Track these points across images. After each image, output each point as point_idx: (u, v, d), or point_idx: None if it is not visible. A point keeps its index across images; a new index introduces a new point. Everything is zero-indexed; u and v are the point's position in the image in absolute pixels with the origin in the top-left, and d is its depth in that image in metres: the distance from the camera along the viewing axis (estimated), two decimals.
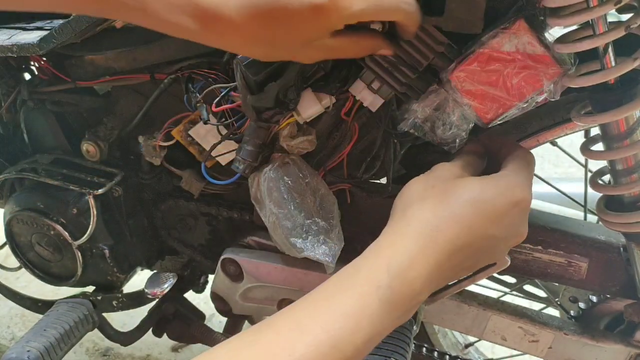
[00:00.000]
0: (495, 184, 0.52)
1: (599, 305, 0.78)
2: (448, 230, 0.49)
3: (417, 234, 0.49)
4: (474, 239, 0.50)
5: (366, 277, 0.47)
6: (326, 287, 0.48)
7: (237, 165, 0.67)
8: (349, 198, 0.72)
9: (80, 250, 0.83)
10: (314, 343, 0.43)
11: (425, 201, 0.51)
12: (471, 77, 0.54)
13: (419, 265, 0.48)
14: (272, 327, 0.45)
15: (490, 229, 0.51)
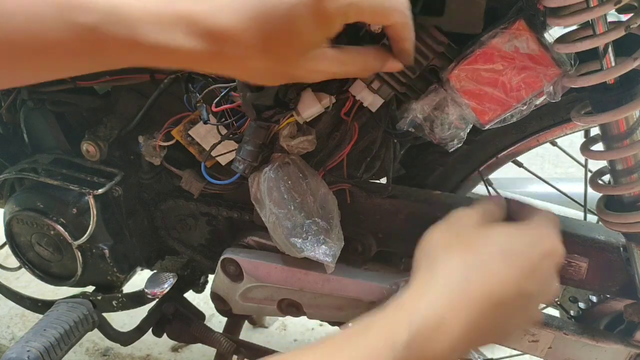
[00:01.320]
0: (524, 232, 0.48)
1: (599, 305, 0.78)
2: (480, 282, 0.43)
3: (446, 286, 0.43)
4: (507, 294, 0.44)
5: (382, 331, 0.41)
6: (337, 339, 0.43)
7: (237, 165, 0.67)
8: (349, 198, 0.72)
9: (80, 250, 0.83)
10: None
11: (451, 250, 0.46)
12: (470, 77, 0.54)
13: (447, 324, 0.41)
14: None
15: (524, 284, 0.45)
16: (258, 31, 0.45)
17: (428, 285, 0.44)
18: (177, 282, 0.85)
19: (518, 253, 0.46)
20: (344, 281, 0.71)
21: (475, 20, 0.52)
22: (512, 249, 0.46)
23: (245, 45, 0.45)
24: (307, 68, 0.48)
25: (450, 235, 0.48)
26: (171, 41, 0.44)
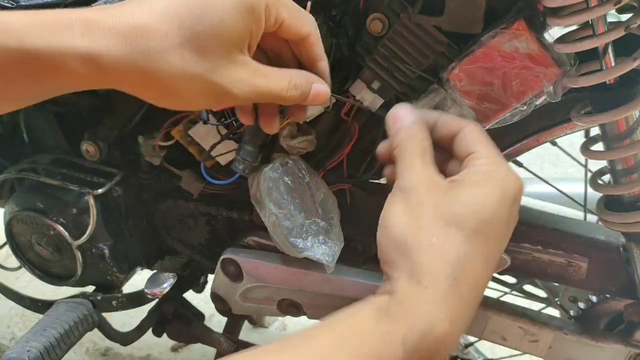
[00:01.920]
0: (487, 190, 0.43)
1: (599, 305, 0.78)
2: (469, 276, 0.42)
3: (436, 293, 0.41)
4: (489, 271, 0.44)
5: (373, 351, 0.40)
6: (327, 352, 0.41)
7: (236, 165, 0.67)
8: (349, 198, 0.72)
9: (80, 250, 0.83)
10: None
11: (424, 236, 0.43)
12: (470, 77, 0.54)
13: (439, 328, 0.41)
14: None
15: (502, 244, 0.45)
16: (173, 22, 0.41)
17: (416, 293, 0.42)
18: (177, 282, 0.85)
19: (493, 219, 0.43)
20: (344, 281, 0.71)
21: (475, 20, 0.52)
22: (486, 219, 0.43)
23: (157, 39, 0.41)
24: (230, 75, 0.44)
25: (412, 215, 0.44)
26: (63, 43, 0.39)
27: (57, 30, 0.39)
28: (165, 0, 0.41)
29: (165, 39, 0.41)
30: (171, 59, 0.41)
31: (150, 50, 0.41)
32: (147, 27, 0.40)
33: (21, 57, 0.39)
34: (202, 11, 0.41)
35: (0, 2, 0.71)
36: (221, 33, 0.42)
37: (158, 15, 0.41)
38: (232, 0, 0.42)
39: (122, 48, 0.40)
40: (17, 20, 0.39)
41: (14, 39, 0.38)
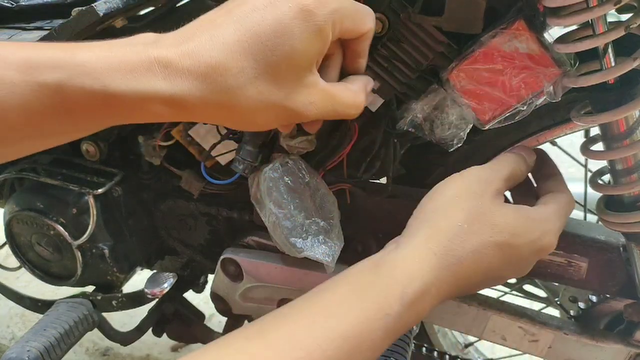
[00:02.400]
0: (531, 225, 0.49)
1: (599, 305, 0.78)
2: (469, 267, 0.47)
3: (439, 265, 0.46)
4: (488, 278, 0.49)
5: (376, 301, 0.44)
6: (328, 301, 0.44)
7: (236, 165, 0.67)
8: (349, 198, 0.72)
9: (80, 250, 0.83)
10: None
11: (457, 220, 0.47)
12: (470, 77, 0.54)
13: (431, 296, 0.46)
14: (263, 338, 0.42)
15: (506, 273, 0.50)
16: (248, 56, 0.41)
17: (423, 259, 0.46)
18: (177, 282, 0.85)
19: (515, 250, 0.49)
20: None
21: (475, 20, 0.52)
22: (511, 244, 0.48)
23: (234, 75, 0.41)
24: (302, 99, 0.45)
25: (462, 200, 0.48)
26: (147, 87, 0.40)
27: (138, 74, 0.40)
28: (237, 33, 0.41)
29: (241, 74, 0.41)
30: (249, 92, 0.42)
31: (229, 87, 0.41)
32: (224, 65, 0.41)
33: (105, 99, 0.40)
34: (274, 41, 0.41)
35: (1, 3, 0.71)
36: (293, 60, 0.43)
37: (232, 52, 0.41)
38: (300, 25, 0.42)
39: (202, 88, 0.41)
40: (97, 62, 0.40)
41: (98, 83, 0.39)
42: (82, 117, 0.42)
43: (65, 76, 0.39)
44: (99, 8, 0.59)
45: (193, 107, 0.42)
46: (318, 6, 0.42)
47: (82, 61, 0.39)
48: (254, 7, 0.42)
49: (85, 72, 0.39)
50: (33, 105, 0.39)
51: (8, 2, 0.74)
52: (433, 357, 0.82)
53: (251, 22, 0.41)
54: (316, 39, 0.43)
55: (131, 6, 0.62)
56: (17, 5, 0.74)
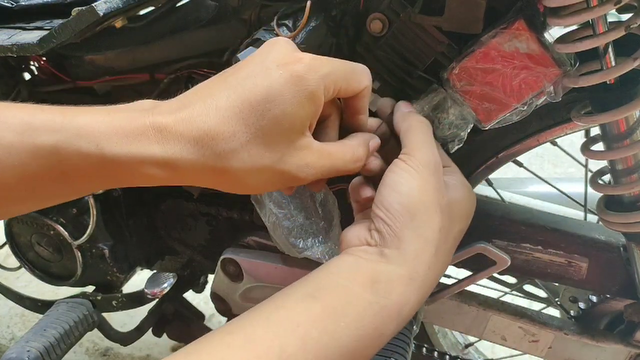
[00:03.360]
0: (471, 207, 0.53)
1: (599, 305, 0.78)
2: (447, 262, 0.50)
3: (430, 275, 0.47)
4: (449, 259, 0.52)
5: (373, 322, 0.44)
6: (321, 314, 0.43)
7: None
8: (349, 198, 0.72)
9: (80, 250, 0.83)
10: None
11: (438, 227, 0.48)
12: (470, 77, 0.54)
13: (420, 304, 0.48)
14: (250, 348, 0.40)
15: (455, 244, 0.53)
16: (239, 121, 0.42)
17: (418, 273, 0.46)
18: (177, 282, 0.85)
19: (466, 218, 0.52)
20: None
21: (475, 20, 0.52)
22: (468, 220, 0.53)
23: (226, 140, 0.42)
24: (296, 162, 0.45)
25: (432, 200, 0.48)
26: (141, 151, 0.41)
27: (133, 138, 0.41)
28: (229, 99, 0.43)
29: (233, 139, 0.42)
30: (240, 156, 0.43)
31: (220, 151, 0.42)
32: (216, 130, 0.42)
33: (100, 162, 0.41)
34: (264, 106, 0.42)
35: (1, 2, 0.71)
36: (284, 123, 0.43)
37: (224, 117, 0.42)
38: (291, 90, 0.43)
39: (195, 152, 0.42)
40: (94, 125, 0.41)
41: (94, 146, 0.40)
42: (77, 180, 0.42)
43: (61, 138, 0.40)
44: (99, 8, 0.59)
45: (186, 170, 0.43)
46: (308, 71, 0.43)
47: (79, 125, 0.41)
48: (247, 74, 0.44)
49: (82, 135, 0.40)
50: (30, 167, 0.40)
51: (8, 2, 0.74)
52: (433, 357, 0.82)
53: (244, 89, 0.43)
54: (308, 103, 0.44)
55: (131, 6, 0.62)
56: (17, 5, 0.74)
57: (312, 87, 0.44)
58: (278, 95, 0.43)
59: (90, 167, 0.41)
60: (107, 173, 0.42)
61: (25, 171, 0.41)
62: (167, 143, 0.42)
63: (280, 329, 0.41)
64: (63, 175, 0.42)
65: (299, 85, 0.43)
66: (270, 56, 0.44)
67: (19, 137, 0.40)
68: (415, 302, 0.47)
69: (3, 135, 0.40)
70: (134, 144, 0.41)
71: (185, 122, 0.42)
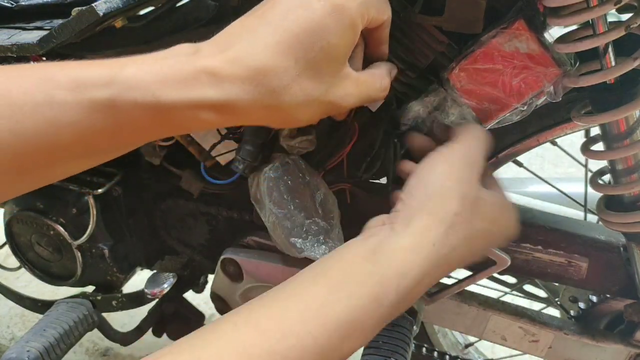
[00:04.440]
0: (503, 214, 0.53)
1: (599, 305, 0.78)
2: (460, 253, 0.49)
3: (436, 255, 0.47)
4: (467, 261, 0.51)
5: (372, 291, 0.45)
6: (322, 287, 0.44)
7: (236, 165, 0.66)
8: (349, 198, 0.72)
9: (80, 250, 0.83)
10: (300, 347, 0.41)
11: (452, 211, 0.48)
12: (470, 76, 0.54)
13: (424, 285, 0.48)
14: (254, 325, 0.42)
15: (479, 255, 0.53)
16: (289, 56, 0.43)
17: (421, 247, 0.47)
18: (177, 282, 0.85)
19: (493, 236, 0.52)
20: None
21: (475, 20, 0.52)
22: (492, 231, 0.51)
23: (278, 75, 0.43)
24: (340, 92, 0.47)
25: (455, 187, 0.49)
26: (197, 96, 0.41)
27: (187, 83, 0.41)
28: (275, 35, 0.43)
29: (285, 74, 0.43)
30: (292, 90, 0.44)
31: (274, 88, 0.43)
32: (267, 66, 0.42)
33: (157, 111, 0.41)
34: (311, 39, 0.43)
35: (1, 2, 0.71)
36: (330, 54, 0.44)
37: (274, 53, 0.43)
38: (334, 20, 0.44)
39: (249, 91, 0.42)
40: (145, 75, 0.41)
41: (149, 95, 0.40)
42: (132, 132, 0.42)
43: (116, 92, 0.40)
44: (99, 8, 0.59)
45: (241, 111, 0.43)
46: (348, 0, 0.44)
47: (130, 76, 0.40)
48: (286, 8, 0.44)
49: (136, 87, 0.40)
50: (85, 123, 0.40)
51: (8, 2, 0.74)
52: (433, 357, 0.82)
53: (287, 23, 0.43)
54: (349, 32, 0.45)
55: (131, 6, 0.62)
56: (17, 5, 0.74)
57: (353, 15, 0.44)
58: (323, 26, 0.43)
59: (147, 117, 0.41)
60: (163, 122, 0.42)
61: (81, 127, 0.40)
62: (221, 86, 0.42)
63: (284, 305, 0.43)
64: (119, 129, 0.41)
65: (340, 15, 0.44)
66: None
67: (72, 94, 0.39)
68: (417, 276, 0.46)
69: (55, 93, 0.39)
70: (189, 89, 0.41)
71: (235, 62, 0.42)
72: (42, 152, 0.40)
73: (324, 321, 0.42)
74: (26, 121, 0.38)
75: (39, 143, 0.39)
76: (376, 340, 0.65)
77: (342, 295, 0.44)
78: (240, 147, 0.66)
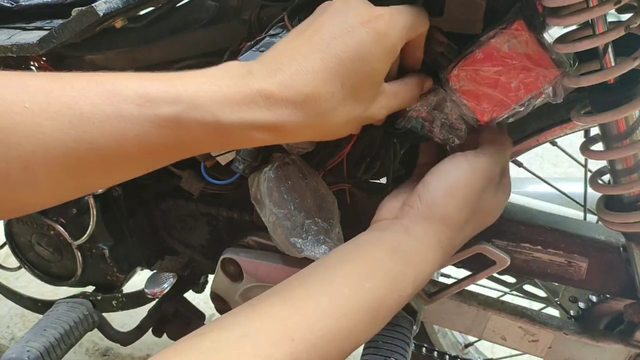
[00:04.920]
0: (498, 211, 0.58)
1: (599, 305, 0.78)
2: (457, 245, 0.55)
3: (443, 254, 0.53)
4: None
5: (394, 284, 0.49)
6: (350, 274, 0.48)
7: (236, 165, 0.66)
8: (349, 198, 0.72)
9: (80, 250, 0.83)
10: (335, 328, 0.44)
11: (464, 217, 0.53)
12: (469, 77, 0.54)
13: (430, 277, 0.53)
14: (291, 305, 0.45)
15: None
16: (336, 82, 0.46)
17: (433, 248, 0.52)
18: (177, 282, 0.85)
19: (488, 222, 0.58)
20: None
21: (475, 21, 0.52)
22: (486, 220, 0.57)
23: (327, 100, 0.46)
24: (376, 107, 0.50)
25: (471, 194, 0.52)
26: (253, 117, 0.44)
27: (244, 105, 0.44)
28: (324, 61, 0.46)
29: (332, 99, 0.46)
30: (338, 112, 0.48)
31: (322, 111, 0.47)
32: (317, 92, 0.46)
33: (216, 130, 0.44)
34: (357, 65, 0.46)
35: (1, 2, 0.71)
36: (373, 77, 0.48)
37: (323, 79, 0.46)
38: (378, 47, 0.47)
39: (301, 115, 0.46)
40: (207, 96, 0.43)
41: (210, 115, 0.43)
42: (192, 145, 0.45)
43: (180, 110, 0.42)
44: (99, 8, 0.59)
45: (290, 131, 0.47)
46: (391, 27, 0.47)
47: (193, 95, 0.43)
48: (333, 34, 0.46)
49: (198, 106, 0.42)
50: (151, 137, 0.42)
51: (8, 2, 0.74)
52: (433, 357, 0.82)
53: (334, 49, 0.46)
54: (391, 56, 0.49)
55: (131, 6, 0.62)
56: (17, 5, 0.74)
57: (395, 41, 0.48)
58: (368, 53, 0.46)
59: (207, 135, 0.44)
60: (221, 140, 0.46)
61: (147, 141, 0.42)
62: (275, 109, 0.45)
63: (314, 289, 0.46)
64: (180, 143, 0.44)
65: (384, 42, 0.47)
66: (351, 14, 0.47)
67: (138, 108, 0.41)
68: (429, 270, 0.52)
69: (123, 107, 0.40)
70: (246, 111, 0.44)
71: (287, 87, 0.45)
72: (107, 161, 0.42)
73: (355, 305, 0.46)
74: (94, 132, 0.40)
75: (105, 153, 0.41)
76: (376, 340, 0.65)
77: (368, 286, 0.47)
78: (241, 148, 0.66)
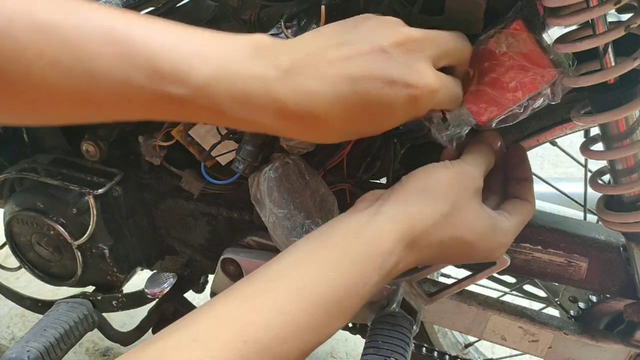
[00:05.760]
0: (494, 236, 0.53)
1: (599, 305, 0.78)
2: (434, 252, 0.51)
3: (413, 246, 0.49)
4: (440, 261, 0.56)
5: (359, 271, 0.46)
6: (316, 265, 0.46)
7: (237, 165, 0.67)
8: (349, 198, 0.72)
9: (80, 250, 0.83)
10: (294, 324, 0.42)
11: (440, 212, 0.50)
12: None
13: (397, 270, 0.49)
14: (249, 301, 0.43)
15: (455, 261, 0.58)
16: (348, 119, 0.46)
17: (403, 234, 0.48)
18: (177, 282, 0.85)
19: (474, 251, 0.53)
20: None
21: (475, 20, 0.52)
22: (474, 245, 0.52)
23: (331, 129, 0.46)
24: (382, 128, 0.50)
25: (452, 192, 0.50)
26: (258, 119, 0.44)
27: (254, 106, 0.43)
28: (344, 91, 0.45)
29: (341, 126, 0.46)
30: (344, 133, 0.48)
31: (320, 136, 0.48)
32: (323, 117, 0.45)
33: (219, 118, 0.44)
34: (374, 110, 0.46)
35: None
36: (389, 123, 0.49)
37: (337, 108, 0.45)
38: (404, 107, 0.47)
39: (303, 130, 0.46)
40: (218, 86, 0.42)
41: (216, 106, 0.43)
42: (192, 120, 0.47)
43: (187, 93, 0.42)
44: None
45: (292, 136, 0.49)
46: (425, 95, 0.47)
47: (204, 82, 0.42)
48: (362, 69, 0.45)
49: (207, 95, 0.42)
50: (158, 110, 0.42)
51: None
52: (433, 357, 0.82)
53: (359, 87, 0.45)
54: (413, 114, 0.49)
55: (131, 6, 0.62)
56: None
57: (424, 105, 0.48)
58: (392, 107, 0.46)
59: (209, 118, 0.45)
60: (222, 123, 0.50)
61: (151, 110, 0.42)
62: (281, 119, 0.44)
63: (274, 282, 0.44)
64: (183, 116, 0.45)
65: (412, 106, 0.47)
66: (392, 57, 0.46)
67: (148, 81, 0.41)
68: (394, 262, 0.48)
69: (132, 76, 0.40)
70: (254, 113, 0.44)
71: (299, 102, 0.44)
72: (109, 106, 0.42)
73: (316, 299, 0.44)
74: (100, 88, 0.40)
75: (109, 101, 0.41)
76: (376, 340, 0.65)
77: (333, 274, 0.45)
78: (241, 147, 0.66)
